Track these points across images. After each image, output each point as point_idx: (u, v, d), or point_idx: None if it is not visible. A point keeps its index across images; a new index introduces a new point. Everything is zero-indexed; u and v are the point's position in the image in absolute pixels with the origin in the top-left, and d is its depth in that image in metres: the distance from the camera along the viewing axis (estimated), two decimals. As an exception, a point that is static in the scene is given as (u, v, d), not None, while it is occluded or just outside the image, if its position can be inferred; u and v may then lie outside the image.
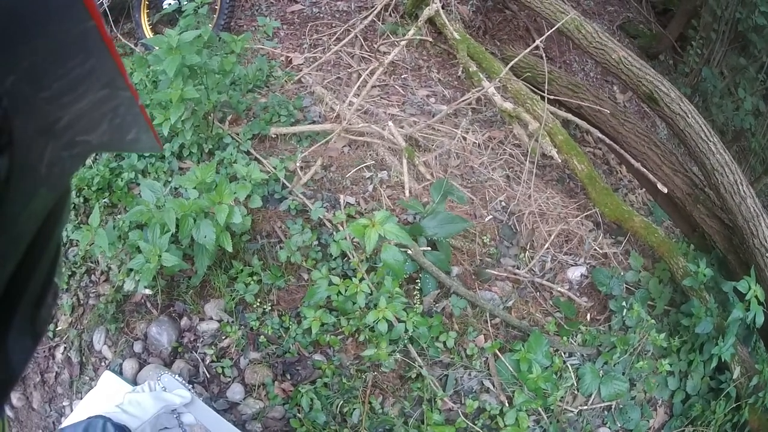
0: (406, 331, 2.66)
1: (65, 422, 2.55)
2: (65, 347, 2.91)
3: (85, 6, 0.40)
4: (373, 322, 2.58)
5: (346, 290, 2.60)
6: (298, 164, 2.98)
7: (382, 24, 3.97)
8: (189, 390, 2.08)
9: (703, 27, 5.68)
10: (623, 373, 3.09)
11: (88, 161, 3.08)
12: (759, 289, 3.02)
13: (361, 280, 2.62)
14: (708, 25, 5.63)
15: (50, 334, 2.94)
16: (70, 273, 2.96)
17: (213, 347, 2.71)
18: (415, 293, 2.79)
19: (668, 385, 3.24)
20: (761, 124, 5.76)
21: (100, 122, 0.52)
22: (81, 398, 2.79)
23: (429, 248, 2.85)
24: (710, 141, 3.24)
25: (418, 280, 2.82)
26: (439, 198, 2.89)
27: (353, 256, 2.74)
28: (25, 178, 0.40)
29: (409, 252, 2.75)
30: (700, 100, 5.42)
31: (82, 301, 2.92)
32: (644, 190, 4.03)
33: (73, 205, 3.01)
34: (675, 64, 5.80)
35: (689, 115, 3.30)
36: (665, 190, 3.40)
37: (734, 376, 3.17)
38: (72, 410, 2.83)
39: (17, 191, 0.39)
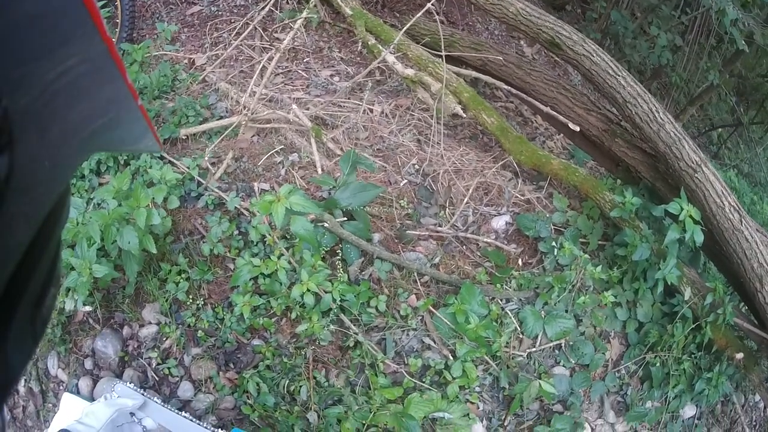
0: (334, 300, 2.74)
1: None
2: (25, 379, 3.00)
3: (85, 7, 0.40)
4: (300, 296, 2.66)
5: (267, 269, 2.68)
6: (207, 159, 3.05)
7: (279, 12, 4.04)
8: (140, 393, 2.17)
9: None
10: (566, 311, 3.16)
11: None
12: (692, 208, 3.06)
13: (280, 257, 2.70)
14: (613, -31, 5.70)
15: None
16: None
17: (156, 350, 2.79)
18: (338, 264, 2.87)
19: (617, 317, 3.31)
20: (680, 59, 5.89)
21: (100, 122, 0.51)
22: (49, 426, 2.87)
23: (346, 219, 2.93)
24: (618, 75, 3.29)
25: (340, 252, 2.90)
26: (348, 169, 2.97)
27: (269, 236, 2.81)
28: (25, 178, 0.39)
29: (326, 225, 2.83)
30: (612, 43, 5.51)
31: (30, 330, 2.99)
32: (562, 135, 4.13)
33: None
34: (583, 13, 5.88)
35: (594, 54, 3.35)
36: (577, 129, 3.47)
37: (686, 298, 3.23)
38: (44, 440, 2.92)
39: (17, 191, 0.38)
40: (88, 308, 2.87)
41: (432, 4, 3.60)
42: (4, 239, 0.39)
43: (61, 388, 2.94)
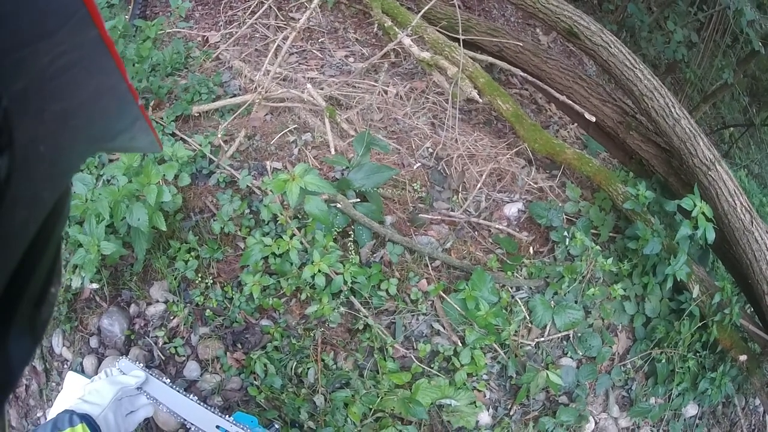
0: (345, 282, 2.71)
1: None
2: (28, 356, 2.95)
3: (86, 7, 0.41)
4: (311, 277, 2.63)
5: (279, 249, 2.65)
6: (220, 137, 3.01)
7: (295, -9, 4.00)
8: (143, 370, 2.12)
9: None
10: (576, 302, 3.13)
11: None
12: (705, 205, 3.04)
13: (292, 236, 2.67)
14: (632, -38, 5.64)
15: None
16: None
17: (163, 329, 2.75)
18: (350, 246, 2.83)
19: (626, 310, 3.28)
20: (695, 55, 5.84)
21: (100, 122, 0.52)
22: (52, 405, 2.83)
23: (359, 200, 2.89)
24: (636, 68, 3.26)
25: (352, 233, 2.87)
26: (362, 150, 2.93)
27: (282, 215, 2.78)
28: (25, 178, 0.39)
29: (339, 206, 2.80)
30: (628, 35, 5.46)
31: (35, 308, 2.95)
32: (576, 124, 4.08)
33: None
34: (600, 3, 5.84)
35: (612, 45, 3.32)
36: (593, 119, 3.45)
37: (694, 295, 3.20)
38: (46, 419, 2.87)
39: (17, 191, 0.38)
40: (94, 286, 2.83)
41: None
42: (4, 239, 0.39)
43: (65, 366, 2.90)
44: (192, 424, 2.11)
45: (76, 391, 2.52)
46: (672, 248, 3.15)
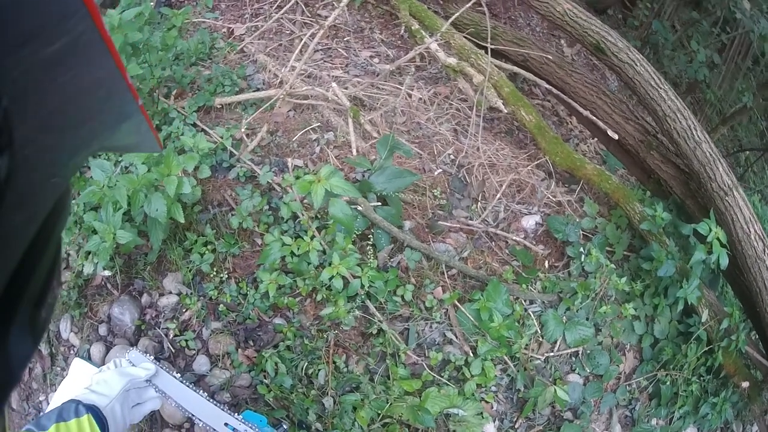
0: (362, 286, 2.68)
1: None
2: (34, 340, 2.90)
3: (86, 7, 0.40)
4: (329, 279, 2.61)
5: (298, 249, 2.62)
6: (243, 131, 2.98)
7: (324, -12, 3.96)
8: (153, 362, 2.08)
9: None
10: (587, 319, 3.12)
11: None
12: (720, 231, 3.03)
13: (312, 237, 2.64)
14: (659, -21, 5.66)
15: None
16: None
17: (175, 321, 2.72)
18: (368, 249, 2.80)
19: (635, 330, 3.27)
20: (716, 76, 5.83)
21: (101, 122, 0.52)
22: (56, 390, 2.79)
23: (379, 204, 2.87)
24: (660, 88, 3.25)
25: (371, 237, 2.84)
26: (385, 154, 2.90)
27: (303, 215, 2.76)
28: (25, 179, 0.40)
29: (359, 208, 2.77)
30: (651, 52, 5.45)
31: (45, 291, 2.91)
32: (596, 139, 4.07)
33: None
34: (624, 19, 5.83)
35: (638, 63, 3.31)
36: (616, 137, 3.43)
37: (703, 319, 3.20)
38: (48, 404, 2.83)
39: (17, 191, 0.39)
40: (107, 273, 2.79)
41: (476, -5, 3.53)
42: (4, 239, 0.39)
43: (71, 352, 2.86)
44: (200, 419, 2.08)
45: (83, 380, 2.49)
46: (684, 271, 3.15)
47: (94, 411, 1.70)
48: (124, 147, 0.72)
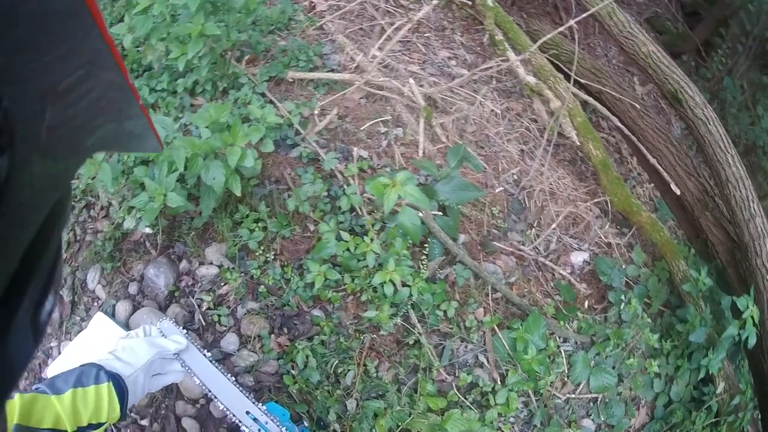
0: (410, 296, 2.60)
1: (52, 365, 2.43)
2: (59, 284, 2.77)
3: (87, 7, 0.40)
4: (380, 284, 2.51)
5: (355, 248, 2.52)
6: (316, 112, 2.86)
7: (411, -21, 3.84)
8: (185, 336, 1.97)
9: (730, 37, 5.64)
10: (613, 367, 3.07)
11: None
12: (755, 309, 3.01)
13: (372, 239, 2.54)
14: (735, 37, 5.60)
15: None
16: (68, 207, 2.82)
17: (211, 293, 2.60)
18: (422, 257, 2.71)
19: (653, 387, 3.23)
20: (774, 145, 5.76)
21: (101, 122, 0.51)
22: (70, 339, 2.67)
23: (440, 213, 2.77)
24: (728, 152, 3.23)
25: (426, 244, 2.74)
26: (455, 163, 2.81)
27: (362, 212, 2.66)
28: (25, 179, 0.40)
29: (420, 215, 2.67)
30: (718, 107, 5.38)
31: (78, 237, 2.78)
32: (653, 185, 3.99)
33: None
34: (697, 67, 5.76)
35: (710, 122, 3.29)
36: (678, 192, 3.39)
37: (717, 391, 3.18)
38: (60, 352, 2.70)
39: (18, 191, 0.39)
40: (148, 231, 2.67)
41: (560, 17, 3.44)
42: (4, 240, 0.39)
43: (95, 304, 2.73)
44: (222, 403, 1.98)
45: (105, 340, 2.38)
46: (712, 339, 3.13)
47: (116, 379, 1.58)
48: (125, 146, 0.71)
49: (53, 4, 0.38)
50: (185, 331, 2.00)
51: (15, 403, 1.29)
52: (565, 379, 3.00)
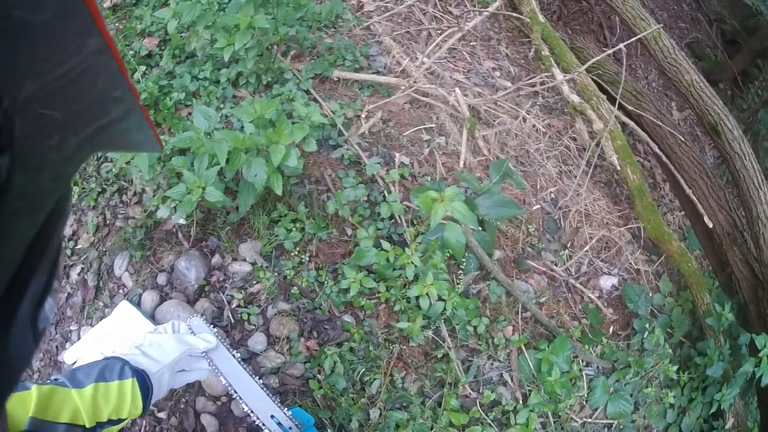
0: (444, 310, 2.56)
1: (70, 349, 2.39)
2: (83, 268, 2.71)
3: (87, 8, 0.40)
4: (415, 296, 2.48)
5: (395, 260, 2.48)
6: (363, 115, 2.82)
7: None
8: (215, 336, 1.92)
9: (767, 70, 5.63)
10: (631, 395, 3.06)
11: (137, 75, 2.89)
12: None
13: (414, 251, 2.50)
14: (773, 70, 5.59)
15: (68, 251, 2.73)
16: (99, 189, 2.76)
17: (242, 291, 2.56)
18: (459, 272, 2.67)
19: (666, 417, 3.22)
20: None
21: (101, 122, 0.51)
22: (91, 325, 2.61)
23: (479, 228, 2.73)
24: (761, 189, 3.23)
25: (463, 259, 2.71)
26: (497, 179, 2.77)
27: (401, 221, 2.62)
28: (26, 179, 0.40)
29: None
30: (751, 140, 5.35)
31: (108, 221, 2.72)
32: (683, 213, 3.97)
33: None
34: (732, 97, 5.73)
35: (746, 158, 3.29)
36: (710, 225, 3.36)
37: (726, 426, 3.19)
38: (79, 336, 2.65)
39: (18, 191, 0.39)
40: (182, 221, 2.62)
41: (604, 36, 3.40)
42: (4, 239, 0.39)
43: (120, 292, 2.67)
44: (246, 404, 1.93)
45: (129, 330, 2.33)
46: (727, 373, 3.14)
47: (141, 376, 1.52)
48: (125, 146, 0.72)
49: (53, 4, 0.38)
50: (215, 329, 1.95)
51: (31, 395, 1.23)
52: (584, 402, 2.99)
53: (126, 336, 2.34)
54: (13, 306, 0.42)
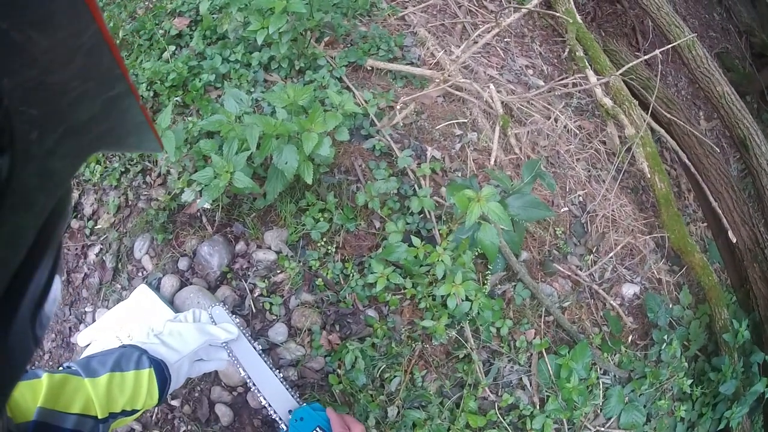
0: (470, 311, 2.51)
1: (84, 331, 2.33)
2: (101, 248, 2.65)
3: (87, 7, 0.40)
4: (442, 295, 2.43)
5: (424, 256, 2.43)
6: (398, 106, 2.76)
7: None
8: (237, 326, 1.87)
9: None
10: (644, 406, 3.03)
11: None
12: None
13: (445, 249, 2.44)
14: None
15: (87, 231, 2.67)
16: (123, 169, 2.70)
17: (265, 280, 2.50)
18: (486, 272, 2.63)
19: (676, 430, 3.18)
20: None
21: (101, 122, 0.51)
22: (108, 307, 2.55)
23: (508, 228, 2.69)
24: None
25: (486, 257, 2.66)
26: (529, 179, 2.72)
27: (430, 216, 2.57)
28: (26, 178, 0.40)
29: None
30: None
31: (130, 202, 2.66)
32: (706, 224, 3.93)
33: (141, 98, 2.73)
34: (759, 110, 5.67)
35: None
36: (734, 240, 3.33)
37: None
38: (94, 318, 2.58)
39: (18, 191, 0.39)
40: (207, 206, 2.56)
41: (636, 40, 3.34)
42: (4, 239, 0.40)
43: (139, 275, 2.61)
44: (265, 398, 1.88)
45: (147, 315, 2.27)
46: (738, 390, 3.11)
47: (159, 365, 1.47)
48: (125, 146, 0.69)
49: (53, 2, 0.37)
50: (236, 318, 1.90)
51: (42, 383, 1.18)
52: (599, 411, 2.96)
53: (143, 320, 2.29)
54: (13, 306, 0.42)
